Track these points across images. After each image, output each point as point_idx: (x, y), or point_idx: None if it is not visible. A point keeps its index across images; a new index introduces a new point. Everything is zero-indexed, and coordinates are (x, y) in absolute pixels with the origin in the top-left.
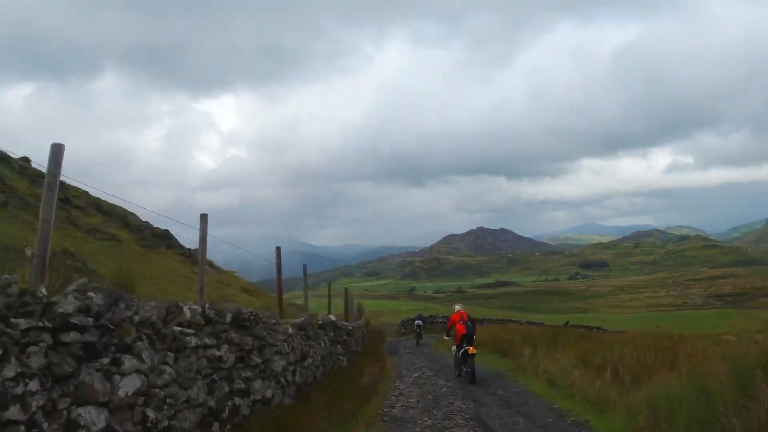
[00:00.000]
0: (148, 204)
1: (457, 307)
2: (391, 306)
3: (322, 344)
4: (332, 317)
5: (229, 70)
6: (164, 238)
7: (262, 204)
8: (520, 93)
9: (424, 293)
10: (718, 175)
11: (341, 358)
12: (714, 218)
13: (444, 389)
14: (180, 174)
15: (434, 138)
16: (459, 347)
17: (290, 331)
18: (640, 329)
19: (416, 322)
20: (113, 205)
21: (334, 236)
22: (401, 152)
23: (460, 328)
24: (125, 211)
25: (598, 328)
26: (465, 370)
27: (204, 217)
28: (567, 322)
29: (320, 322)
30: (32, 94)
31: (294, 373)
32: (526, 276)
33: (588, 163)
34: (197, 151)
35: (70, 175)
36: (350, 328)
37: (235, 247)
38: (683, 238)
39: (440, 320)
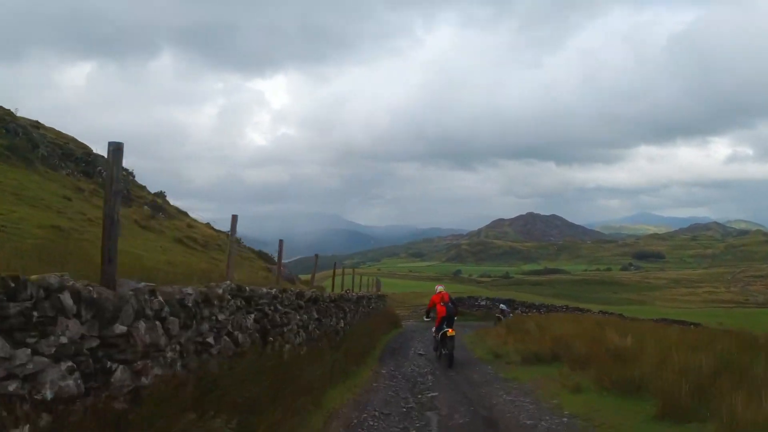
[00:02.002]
0: (199, 179)
1: (439, 288)
2: (434, 287)
3: None
4: None
5: (280, 51)
6: (76, 162)
7: (309, 181)
8: (570, 76)
9: (469, 277)
10: None
11: None
12: None
13: None
14: (231, 150)
15: (482, 121)
16: (438, 329)
17: None
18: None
19: (500, 306)
20: None
21: (380, 216)
22: (448, 134)
23: (440, 310)
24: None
25: (696, 324)
26: (444, 352)
27: None
28: None
29: None
30: (92, 72)
31: None
32: (576, 264)
33: (645, 150)
34: (248, 128)
35: None
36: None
37: None
38: (743, 233)
39: (483, 303)
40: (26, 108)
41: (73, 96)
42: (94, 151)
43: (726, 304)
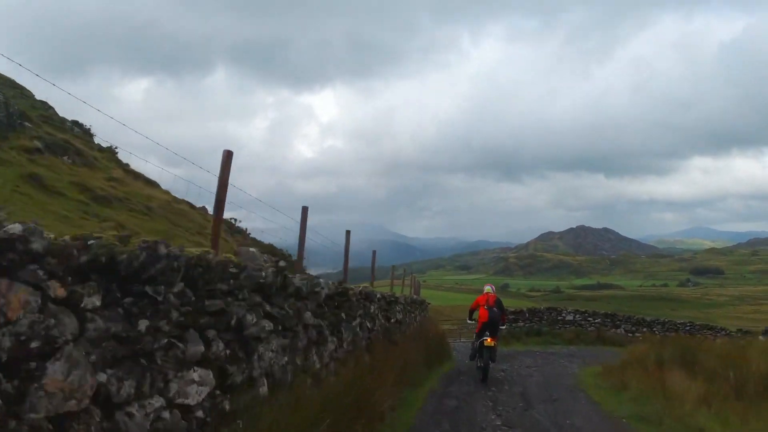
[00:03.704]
0: (250, 188)
1: (486, 288)
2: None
3: None
4: None
5: (329, 65)
6: None
7: (356, 192)
8: (620, 87)
9: (517, 291)
10: None
11: None
12: None
13: None
14: (281, 162)
15: (529, 132)
16: (479, 335)
17: None
18: None
19: None
20: None
21: (426, 227)
22: (495, 146)
23: (482, 314)
24: None
25: None
26: (479, 365)
27: None
28: None
29: None
30: (150, 87)
31: None
32: (630, 280)
33: (699, 161)
34: (297, 140)
35: None
36: None
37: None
38: None
39: (570, 317)
40: (88, 119)
41: (132, 110)
42: None
43: None
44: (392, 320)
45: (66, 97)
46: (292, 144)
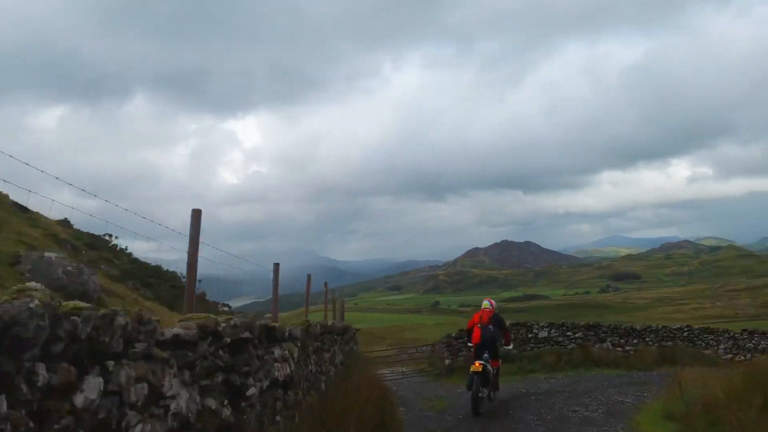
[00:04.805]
0: (172, 218)
1: (484, 304)
2: (414, 320)
3: None
4: None
5: (252, 93)
6: None
7: (284, 218)
8: (533, 110)
9: (448, 307)
10: (741, 185)
11: None
12: (742, 228)
13: None
14: (204, 189)
15: (451, 154)
16: (474, 359)
17: None
18: None
19: None
20: None
21: (357, 251)
22: (419, 167)
23: (475, 335)
24: None
25: None
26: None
27: None
28: None
29: None
30: (65, 115)
31: None
32: (555, 289)
33: (608, 175)
34: (221, 167)
35: None
36: None
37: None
38: (715, 249)
39: (542, 335)
40: None
41: (47, 139)
42: None
43: (716, 319)
44: (254, 389)
45: None
46: (216, 171)
